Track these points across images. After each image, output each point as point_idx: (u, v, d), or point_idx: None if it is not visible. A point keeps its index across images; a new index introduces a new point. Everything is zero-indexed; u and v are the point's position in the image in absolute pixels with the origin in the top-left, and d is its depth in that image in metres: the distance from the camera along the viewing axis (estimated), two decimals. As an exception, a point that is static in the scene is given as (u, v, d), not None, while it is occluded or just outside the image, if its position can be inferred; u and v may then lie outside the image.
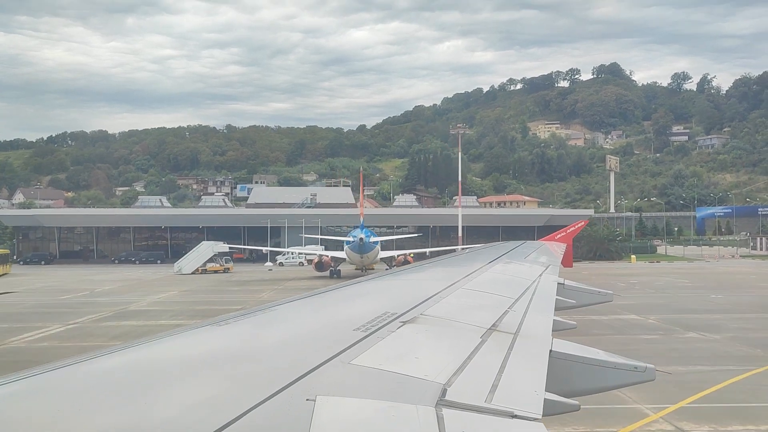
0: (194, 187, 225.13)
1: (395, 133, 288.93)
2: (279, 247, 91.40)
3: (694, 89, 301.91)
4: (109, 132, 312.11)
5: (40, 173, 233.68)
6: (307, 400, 2.43)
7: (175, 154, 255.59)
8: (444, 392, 2.76)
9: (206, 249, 77.28)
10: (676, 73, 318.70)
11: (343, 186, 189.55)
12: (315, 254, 78.67)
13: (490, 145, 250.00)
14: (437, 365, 3.20)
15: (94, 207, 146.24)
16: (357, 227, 67.91)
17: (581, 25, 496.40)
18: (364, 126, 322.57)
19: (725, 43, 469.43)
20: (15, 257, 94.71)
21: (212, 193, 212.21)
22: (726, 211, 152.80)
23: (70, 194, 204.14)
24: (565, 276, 9.50)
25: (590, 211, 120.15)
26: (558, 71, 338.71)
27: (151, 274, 73.26)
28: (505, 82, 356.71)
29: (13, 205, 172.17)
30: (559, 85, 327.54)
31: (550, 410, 3.02)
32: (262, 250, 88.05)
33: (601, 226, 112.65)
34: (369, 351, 3.30)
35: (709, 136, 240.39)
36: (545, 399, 2.96)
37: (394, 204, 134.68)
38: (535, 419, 2.66)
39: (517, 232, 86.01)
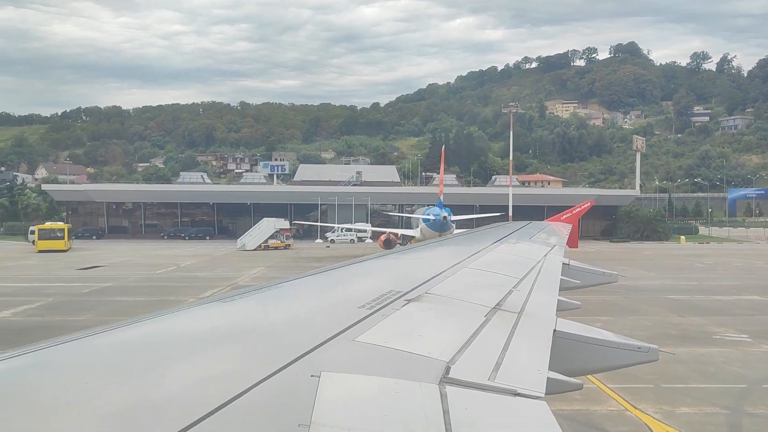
0: (213, 163, 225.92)
1: (409, 111, 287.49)
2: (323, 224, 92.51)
3: (714, 69, 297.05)
4: (123, 108, 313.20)
5: (56, 148, 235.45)
6: (311, 376, 2.45)
7: (190, 131, 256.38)
8: (447, 370, 2.78)
9: (268, 226, 77.99)
10: (695, 53, 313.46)
11: (358, 162, 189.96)
12: (366, 231, 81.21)
13: (507, 124, 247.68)
14: (441, 343, 3.22)
15: (117, 183, 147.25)
16: (432, 205, 67.97)
17: (593, 2, 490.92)
18: (378, 104, 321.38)
19: (739, 22, 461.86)
20: None
21: (232, 170, 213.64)
22: (759, 192, 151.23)
23: (90, 169, 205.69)
24: (572, 256, 9.50)
25: (636, 192, 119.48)
26: (574, 50, 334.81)
27: (214, 250, 73.65)
28: (519, 60, 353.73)
29: (36, 180, 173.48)
30: (574, 64, 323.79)
31: (554, 389, 3.03)
32: (334, 226, 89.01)
33: (633, 205, 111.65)
34: (373, 328, 3.32)
35: (732, 117, 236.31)
36: (548, 378, 2.98)
37: (433, 183, 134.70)
38: (538, 397, 2.66)
39: (563, 211, 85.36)
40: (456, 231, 65.98)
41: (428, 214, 64.47)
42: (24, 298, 34.14)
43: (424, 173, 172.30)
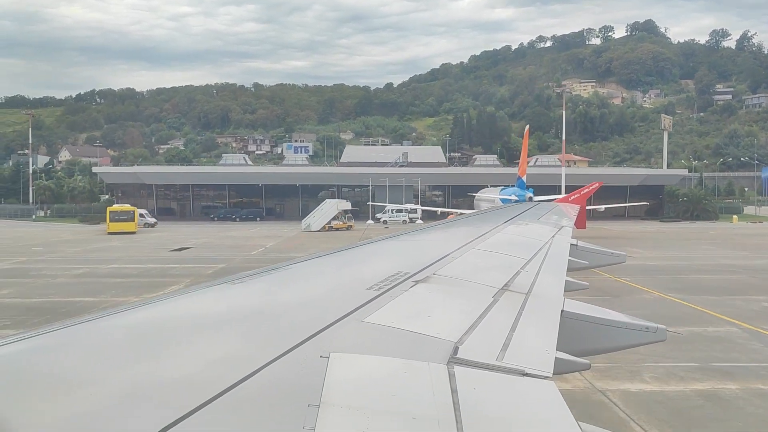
0: (233, 145, 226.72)
1: (423, 91, 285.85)
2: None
3: (733, 47, 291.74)
4: (136, 90, 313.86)
5: (74, 131, 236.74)
6: (320, 356, 2.47)
7: (205, 112, 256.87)
8: (456, 350, 2.79)
9: (331, 207, 79.61)
10: (714, 30, 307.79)
11: (378, 143, 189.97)
12: (417, 211, 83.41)
13: (525, 103, 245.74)
14: (449, 324, 3.24)
15: (142, 165, 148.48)
16: (507, 186, 67.82)
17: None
18: (391, 84, 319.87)
19: None
20: None
21: (252, 151, 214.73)
22: None
23: (110, 152, 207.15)
24: (581, 237, 9.51)
25: (684, 171, 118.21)
26: (589, 28, 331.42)
27: (281, 231, 74.68)
28: (534, 39, 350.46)
29: (60, 162, 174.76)
30: (590, 42, 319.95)
31: (561, 369, 3.04)
32: (386, 207, 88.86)
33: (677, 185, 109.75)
34: (382, 309, 3.34)
35: (757, 95, 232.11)
36: (556, 358, 2.98)
37: (476, 164, 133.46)
38: (545, 377, 2.67)
39: (610, 192, 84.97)
40: None
41: (509, 194, 62.96)
42: (162, 279, 34.22)
43: (450, 154, 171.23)
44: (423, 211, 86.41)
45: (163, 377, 2.26)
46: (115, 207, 78.73)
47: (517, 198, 60.08)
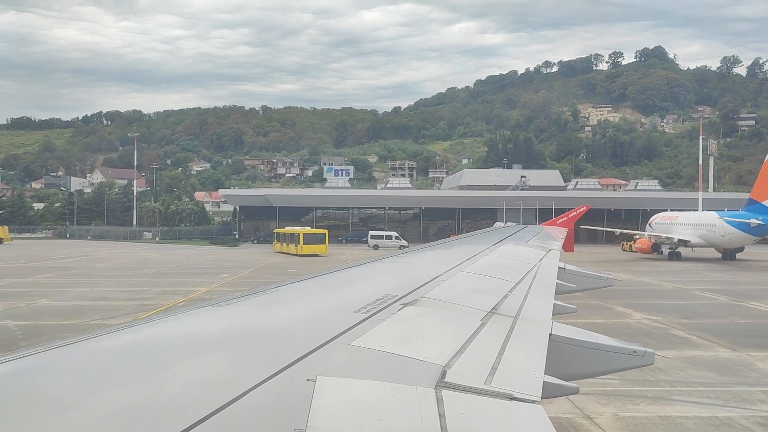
0: (261, 167, 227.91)
1: (431, 115, 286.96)
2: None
3: (743, 74, 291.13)
4: (143, 112, 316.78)
5: (88, 152, 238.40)
6: (307, 380, 2.46)
7: (218, 135, 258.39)
8: (444, 374, 2.78)
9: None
10: (725, 57, 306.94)
11: (405, 166, 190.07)
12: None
13: (541, 127, 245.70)
14: (437, 347, 3.22)
15: (180, 186, 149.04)
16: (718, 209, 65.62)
17: (593, 6, 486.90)
18: (399, 108, 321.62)
19: (739, 26, 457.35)
20: (236, 235, 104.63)
21: (283, 174, 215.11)
22: None
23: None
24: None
25: None
26: (597, 54, 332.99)
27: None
28: (540, 64, 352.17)
29: (92, 184, 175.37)
30: (597, 68, 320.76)
31: (550, 393, 3.02)
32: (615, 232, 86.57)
33: None
34: (369, 333, 3.33)
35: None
36: (544, 382, 2.97)
37: (577, 187, 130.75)
38: (534, 402, 2.66)
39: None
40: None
41: (746, 219, 59.19)
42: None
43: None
44: None
45: (147, 400, 2.25)
46: (308, 230, 78.65)
47: (761, 222, 56.65)
